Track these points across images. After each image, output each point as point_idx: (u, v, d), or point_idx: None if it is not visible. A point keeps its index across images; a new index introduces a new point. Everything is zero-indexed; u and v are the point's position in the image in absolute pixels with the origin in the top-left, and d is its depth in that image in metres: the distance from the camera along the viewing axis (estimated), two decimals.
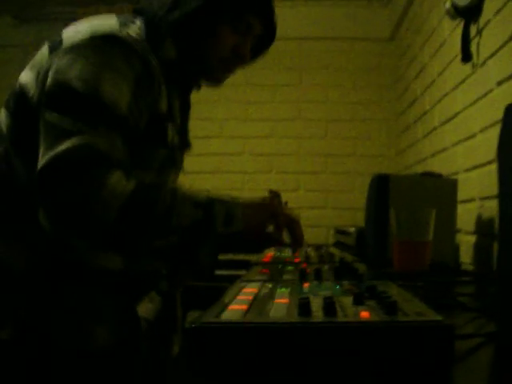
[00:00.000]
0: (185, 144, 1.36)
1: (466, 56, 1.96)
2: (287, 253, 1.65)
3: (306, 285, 0.85)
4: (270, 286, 0.84)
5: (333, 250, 1.83)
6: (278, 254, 1.62)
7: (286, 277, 0.99)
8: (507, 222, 0.66)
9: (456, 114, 2.18)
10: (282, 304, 0.65)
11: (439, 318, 0.56)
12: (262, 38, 1.36)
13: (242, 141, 3.66)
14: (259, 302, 0.67)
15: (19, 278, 1.08)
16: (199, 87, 1.40)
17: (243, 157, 3.66)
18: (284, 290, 0.78)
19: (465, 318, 0.87)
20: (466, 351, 0.67)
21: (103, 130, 1.00)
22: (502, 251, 0.67)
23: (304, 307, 0.58)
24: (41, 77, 1.08)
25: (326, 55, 3.65)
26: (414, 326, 0.54)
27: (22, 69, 1.20)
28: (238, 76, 3.78)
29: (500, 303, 0.68)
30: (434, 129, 2.55)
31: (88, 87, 1.01)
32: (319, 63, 3.65)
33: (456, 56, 2.10)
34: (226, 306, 0.65)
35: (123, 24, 1.13)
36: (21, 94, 1.11)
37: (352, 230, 2.33)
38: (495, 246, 1.67)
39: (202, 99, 3.64)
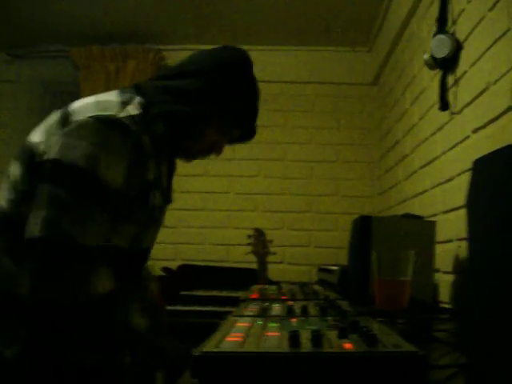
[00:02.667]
0: (167, 200, 1.53)
1: (444, 104, 2.07)
2: (273, 290, 1.72)
3: (294, 320, 0.92)
4: (260, 320, 0.90)
5: (316, 287, 1.90)
6: (264, 290, 1.68)
7: (274, 312, 1.06)
8: (475, 265, 0.73)
9: (435, 159, 2.27)
10: (273, 336, 0.72)
11: (414, 349, 0.63)
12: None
13: (227, 179, 3.74)
14: (253, 335, 0.74)
15: (24, 303, 1.20)
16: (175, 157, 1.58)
17: (228, 195, 3.74)
18: (274, 325, 0.85)
19: (440, 351, 0.94)
20: (440, 381, 0.74)
21: (95, 209, 1.20)
22: (470, 289, 0.74)
23: (294, 339, 0.65)
24: (48, 143, 1.26)
25: (310, 98, 3.77)
26: (391, 356, 0.61)
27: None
28: None
29: (468, 336, 0.75)
30: (414, 172, 2.65)
31: (90, 167, 1.20)
32: (304, 106, 3.77)
33: (435, 103, 2.21)
34: (222, 337, 0.71)
35: (124, 103, 1.32)
36: (31, 151, 1.29)
37: (335, 268, 2.40)
38: None
39: None
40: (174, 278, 3.37)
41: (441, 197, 2.19)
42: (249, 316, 1.00)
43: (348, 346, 0.65)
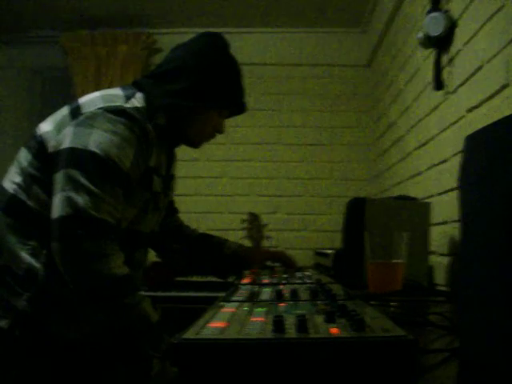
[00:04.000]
0: (168, 189, 1.67)
1: (438, 84, 2.03)
2: (266, 275, 1.69)
3: (282, 305, 0.89)
4: (247, 306, 0.88)
5: (310, 271, 1.87)
6: (257, 276, 1.65)
7: (263, 297, 1.03)
8: (466, 247, 0.70)
9: (429, 140, 2.24)
10: (258, 322, 0.69)
11: (403, 333, 0.60)
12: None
13: (221, 164, 3.71)
14: (237, 321, 0.71)
15: (22, 280, 1.32)
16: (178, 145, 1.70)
17: (223, 180, 3.71)
18: (260, 310, 0.82)
19: (433, 335, 0.92)
20: (432, 365, 0.71)
21: (109, 187, 1.31)
22: (462, 272, 0.71)
23: (278, 324, 0.62)
24: (61, 135, 1.37)
25: (305, 81, 3.73)
26: (379, 341, 0.58)
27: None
28: None
29: (460, 320, 0.73)
30: (409, 153, 2.62)
31: (102, 151, 1.31)
32: (299, 89, 3.73)
33: (429, 83, 2.18)
34: (205, 323, 0.68)
35: (128, 96, 1.43)
36: (41, 141, 1.40)
37: (330, 252, 2.37)
38: None
39: None
40: (169, 264, 3.34)
41: (436, 178, 2.16)
42: (236, 301, 0.97)
43: (334, 330, 0.62)
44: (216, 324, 0.68)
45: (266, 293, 1.11)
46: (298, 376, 0.58)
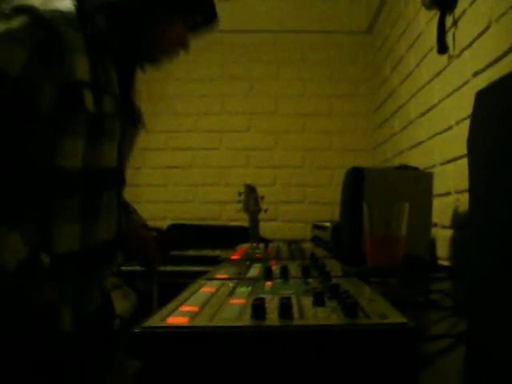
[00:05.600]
0: (130, 117, 1.38)
1: (442, 47, 1.92)
2: (259, 249, 1.61)
3: (269, 283, 0.80)
4: (230, 284, 0.79)
5: (307, 245, 1.79)
6: (251, 250, 1.57)
7: (250, 274, 0.94)
8: (475, 218, 0.62)
9: (432, 107, 2.14)
10: (236, 305, 0.60)
11: (403, 320, 0.51)
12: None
13: (217, 135, 3.60)
14: (213, 303, 0.62)
15: None
16: (142, 68, 1.42)
17: (219, 151, 3.61)
18: (244, 290, 0.74)
19: (435, 317, 0.83)
20: (435, 353, 0.63)
21: None
22: (470, 246, 0.63)
23: (257, 309, 0.53)
24: None
25: (302, 48, 3.61)
26: (374, 330, 0.49)
27: None
28: (214, 69, 3.73)
29: (468, 301, 0.64)
30: (411, 122, 2.52)
31: None
32: (296, 56, 3.61)
33: (432, 47, 2.07)
34: (177, 307, 0.60)
35: None
36: None
37: (328, 224, 2.29)
38: None
39: (177, 94, 3.60)
40: (164, 238, 3.27)
41: (438, 147, 2.06)
42: (220, 279, 0.88)
43: (322, 316, 0.54)
44: (188, 308, 0.59)
45: (255, 269, 1.03)
46: (277, 370, 0.50)
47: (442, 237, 1.91)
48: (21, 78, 1.06)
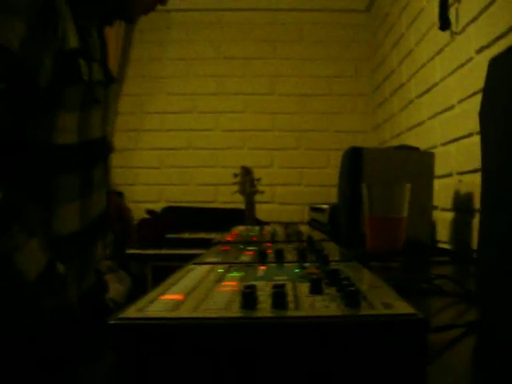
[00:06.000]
0: (108, 80, 1.28)
1: (445, 23, 1.85)
2: (255, 231, 1.55)
3: (263, 268, 0.75)
4: (220, 269, 0.73)
5: (304, 227, 1.73)
6: (245, 233, 1.51)
7: (243, 258, 0.88)
8: (490, 197, 0.56)
9: (433, 86, 2.08)
10: (225, 293, 0.55)
11: (411, 310, 0.45)
12: None
13: (213, 116, 3.54)
14: (200, 291, 0.56)
15: None
16: (111, 24, 1.34)
17: (215, 132, 3.54)
18: (235, 275, 0.68)
19: (442, 304, 0.77)
20: (444, 345, 0.57)
21: None
22: (484, 228, 0.57)
23: (248, 298, 0.48)
24: None
25: (300, 27, 3.53)
26: (379, 322, 0.44)
27: None
28: (209, 49, 3.65)
29: (481, 288, 0.58)
30: (411, 102, 2.46)
31: None
32: (293, 35, 3.53)
33: (434, 24, 2.00)
34: (159, 295, 0.54)
35: None
36: None
37: (326, 206, 2.24)
38: (474, 223, 1.59)
39: (172, 74, 3.52)
40: (159, 221, 3.23)
41: (440, 127, 2.00)
42: (211, 263, 0.83)
43: (320, 306, 0.48)
44: (172, 296, 0.53)
45: (249, 253, 0.97)
46: (268, 367, 0.44)
47: (443, 219, 1.86)
48: (20, 53, 0.97)
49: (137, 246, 2.88)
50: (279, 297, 0.48)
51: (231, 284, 0.60)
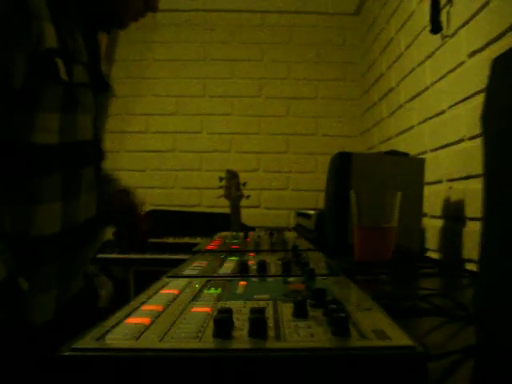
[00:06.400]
0: (101, 86, 1.28)
1: (436, 26, 1.80)
2: (238, 238, 1.49)
3: (243, 283, 0.69)
4: (197, 285, 0.67)
5: (290, 234, 1.68)
6: (228, 240, 1.45)
7: (223, 271, 0.82)
8: (496, 205, 0.50)
9: (424, 90, 2.03)
10: (199, 315, 0.49)
11: (409, 342, 0.40)
12: None
13: (199, 118, 3.47)
14: (170, 313, 0.50)
15: None
16: (108, 31, 1.38)
17: (200, 135, 3.48)
18: (212, 292, 0.62)
19: (432, 323, 0.72)
20: (438, 377, 0.51)
21: None
22: (489, 239, 0.51)
23: (221, 326, 0.42)
24: None
25: (288, 29, 3.48)
26: (372, 357, 0.38)
27: None
28: (195, 50, 3.59)
29: (484, 301, 0.53)
30: (400, 106, 2.41)
31: None
32: (281, 38, 3.48)
33: (425, 27, 1.95)
34: (124, 318, 0.48)
35: None
36: None
37: (312, 212, 2.19)
38: (464, 232, 1.55)
39: (158, 75, 3.46)
40: (143, 225, 3.16)
41: (429, 133, 1.96)
42: (188, 276, 0.77)
43: (304, 334, 0.42)
44: (137, 319, 0.47)
45: (230, 264, 0.91)
46: None
47: (432, 227, 1.81)
48: None
49: (118, 250, 2.83)
50: (258, 324, 0.42)
51: (206, 305, 0.54)
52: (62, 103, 1.09)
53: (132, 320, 0.47)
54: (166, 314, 0.50)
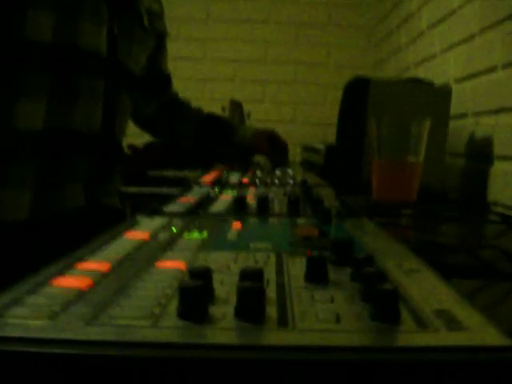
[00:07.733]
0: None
1: None
2: (237, 175, 1.33)
3: (237, 225, 0.52)
4: (174, 228, 0.51)
5: (296, 169, 1.52)
6: (226, 174, 1.29)
7: (214, 208, 0.66)
8: None
9: (449, 14, 1.83)
10: (164, 275, 0.33)
11: (501, 340, 0.24)
12: None
13: (202, 44, 3.27)
14: (128, 268, 0.34)
15: None
16: None
17: (203, 61, 3.28)
18: (194, 237, 0.46)
19: (480, 285, 0.55)
20: None
21: None
22: None
23: (188, 299, 0.25)
24: None
25: None
26: (446, 364, 0.22)
27: None
28: None
29: None
30: (421, 33, 2.20)
31: None
32: None
33: None
34: (50, 277, 0.32)
35: None
36: None
37: (321, 146, 2.03)
38: (491, 172, 1.39)
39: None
40: (141, 157, 3.03)
41: (454, 61, 1.76)
42: (169, 213, 0.60)
43: (326, 317, 0.26)
44: (70, 281, 0.31)
45: (224, 200, 0.74)
46: None
47: (454, 166, 1.65)
48: None
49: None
50: (250, 300, 0.25)
51: (180, 257, 0.37)
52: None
53: (61, 282, 0.31)
54: (120, 271, 0.34)
